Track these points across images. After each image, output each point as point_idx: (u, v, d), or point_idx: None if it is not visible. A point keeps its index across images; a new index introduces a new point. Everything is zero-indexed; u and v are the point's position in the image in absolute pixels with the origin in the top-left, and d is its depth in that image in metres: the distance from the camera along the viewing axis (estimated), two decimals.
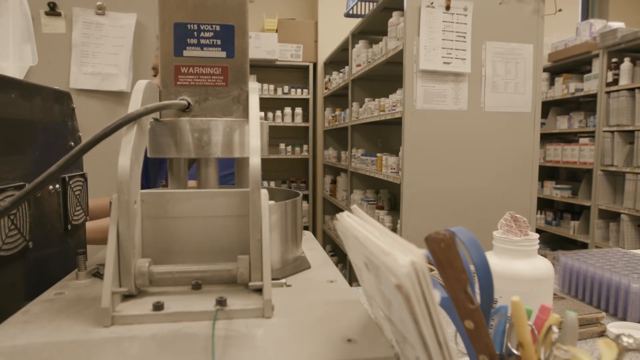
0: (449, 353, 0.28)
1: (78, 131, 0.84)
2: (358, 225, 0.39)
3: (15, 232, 0.59)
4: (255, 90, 0.58)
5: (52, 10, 1.79)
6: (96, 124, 1.41)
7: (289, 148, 4.90)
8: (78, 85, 1.80)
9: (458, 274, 0.37)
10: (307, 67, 4.82)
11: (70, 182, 0.78)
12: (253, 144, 0.50)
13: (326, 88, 4.65)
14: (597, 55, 3.56)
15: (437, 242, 0.37)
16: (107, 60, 1.83)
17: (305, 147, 4.95)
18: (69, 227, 0.77)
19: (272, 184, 4.97)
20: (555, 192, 4.04)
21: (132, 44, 1.83)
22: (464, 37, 2.15)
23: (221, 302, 0.44)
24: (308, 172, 5.05)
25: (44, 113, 0.72)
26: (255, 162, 0.48)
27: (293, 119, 4.85)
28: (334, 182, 4.46)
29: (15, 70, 0.78)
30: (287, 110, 4.82)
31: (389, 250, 0.29)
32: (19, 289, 0.60)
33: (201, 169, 0.63)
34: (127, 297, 0.47)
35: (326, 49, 4.68)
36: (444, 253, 0.37)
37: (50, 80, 0.68)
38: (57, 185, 0.74)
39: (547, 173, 4.37)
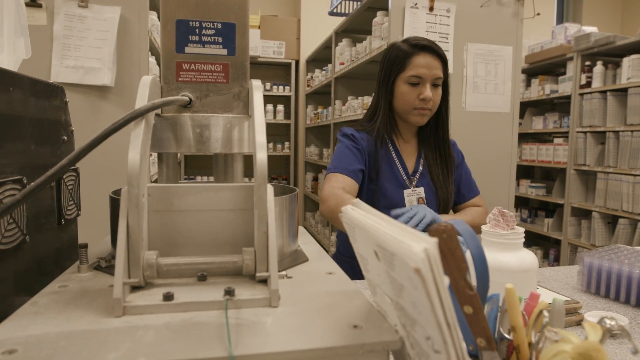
0: (457, 333, 0.31)
1: (71, 125, 0.83)
2: (364, 217, 0.41)
3: (14, 226, 0.59)
4: (259, 88, 0.60)
5: (33, 2, 1.75)
6: (78, 118, 1.39)
7: (270, 145, 4.90)
8: (59, 78, 1.76)
9: (459, 262, 0.40)
10: (289, 65, 4.82)
11: (64, 177, 0.78)
12: (259, 140, 0.52)
13: (308, 85, 4.66)
14: (571, 58, 3.68)
15: (439, 232, 0.39)
16: (89, 54, 1.80)
17: (286, 144, 4.96)
18: (63, 221, 0.77)
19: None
20: (531, 190, 4.17)
21: (116, 38, 1.80)
22: (447, 38, 2.20)
23: (230, 292, 0.46)
24: (289, 169, 5.06)
25: (38, 107, 0.71)
26: (261, 157, 0.50)
27: (275, 116, 4.85)
28: (315, 179, 4.48)
29: (9, 63, 0.77)
30: (269, 107, 4.82)
31: (401, 238, 0.31)
32: (16, 283, 0.60)
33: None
34: (134, 288, 0.48)
35: (308, 47, 4.69)
36: (445, 243, 0.39)
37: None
38: None
39: (523, 172, 4.50)
